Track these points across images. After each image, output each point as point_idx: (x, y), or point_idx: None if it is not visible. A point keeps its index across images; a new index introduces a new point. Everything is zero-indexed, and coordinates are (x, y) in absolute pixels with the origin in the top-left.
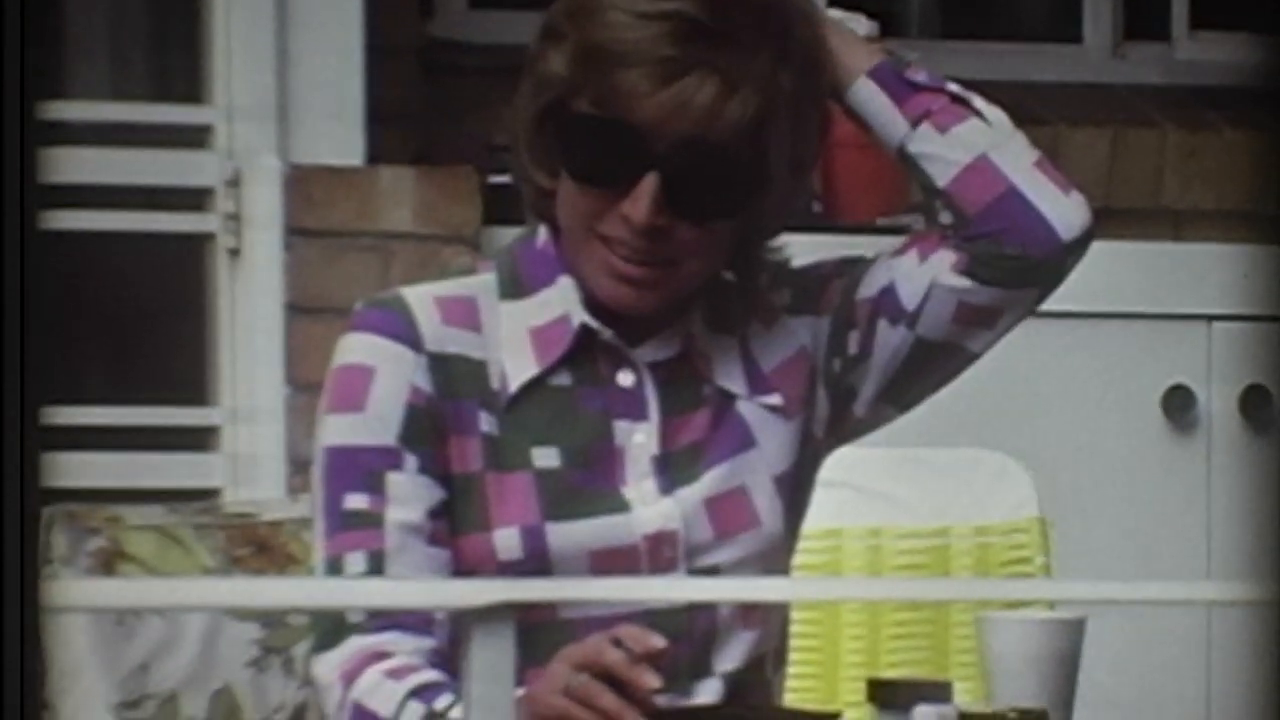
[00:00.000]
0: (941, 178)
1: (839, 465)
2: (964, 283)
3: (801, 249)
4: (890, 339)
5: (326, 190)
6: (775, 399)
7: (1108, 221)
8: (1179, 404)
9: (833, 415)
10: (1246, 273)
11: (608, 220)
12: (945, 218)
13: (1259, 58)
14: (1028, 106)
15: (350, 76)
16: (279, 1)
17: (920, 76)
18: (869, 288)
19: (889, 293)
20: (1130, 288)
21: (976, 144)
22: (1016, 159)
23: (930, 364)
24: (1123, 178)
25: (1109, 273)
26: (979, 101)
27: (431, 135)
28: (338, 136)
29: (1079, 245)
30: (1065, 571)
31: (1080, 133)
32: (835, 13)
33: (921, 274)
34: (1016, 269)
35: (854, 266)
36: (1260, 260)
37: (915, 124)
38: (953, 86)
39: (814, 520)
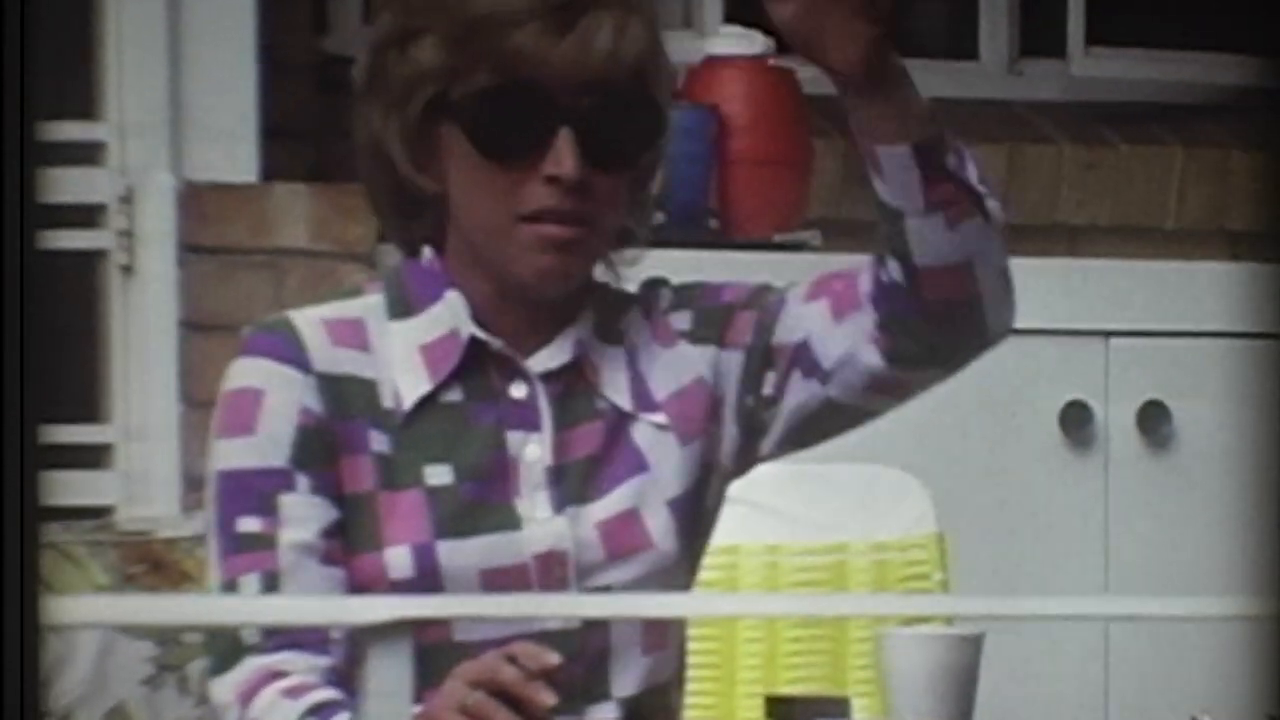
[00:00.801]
0: (923, 260)
1: (737, 482)
2: (881, 363)
3: (698, 265)
4: (801, 392)
5: (220, 207)
6: (662, 419)
7: (1007, 238)
8: (1076, 420)
9: (742, 448)
10: (1139, 290)
11: (528, 192)
12: (894, 276)
13: (1155, 73)
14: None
15: (244, 92)
16: (171, 17)
17: (953, 162)
18: (786, 333)
19: (805, 347)
20: (1027, 303)
21: (970, 247)
22: (995, 265)
23: (837, 420)
24: (1019, 194)
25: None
26: (991, 202)
27: (326, 152)
28: (231, 153)
29: (1002, 338)
30: (963, 587)
31: (977, 149)
32: (730, 28)
33: (839, 338)
34: (942, 358)
35: (763, 298)
36: (1156, 276)
37: (930, 210)
38: (974, 178)
39: (713, 538)
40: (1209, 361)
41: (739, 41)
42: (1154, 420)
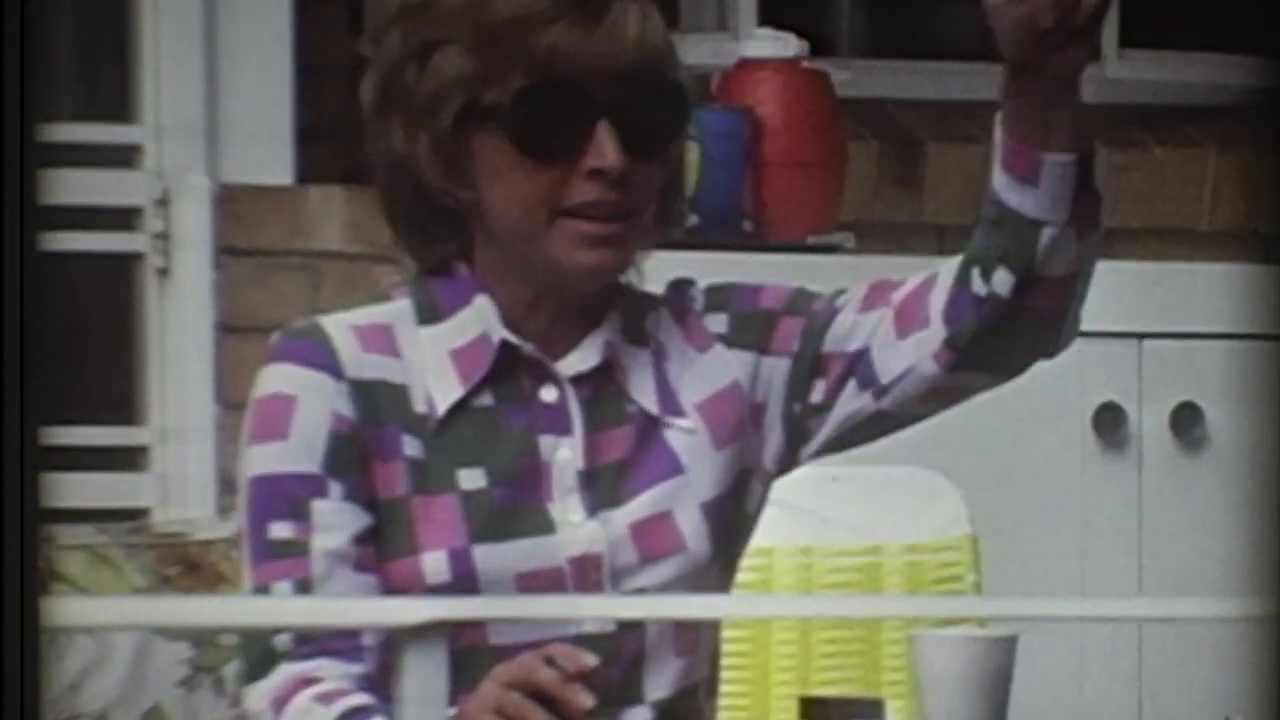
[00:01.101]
0: (1046, 270)
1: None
2: (942, 375)
3: (732, 267)
4: (854, 402)
5: (256, 209)
6: (689, 423)
7: None
8: (1109, 422)
9: (784, 452)
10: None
11: (573, 188)
12: (995, 288)
13: (1188, 76)
14: (960, 125)
15: (279, 95)
16: (208, 20)
17: (1099, 176)
18: (839, 342)
19: (863, 358)
20: (1112, 307)
21: (1086, 258)
22: (1091, 274)
23: (885, 426)
24: None
25: None
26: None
27: (362, 154)
28: (267, 155)
29: (1069, 345)
30: (996, 589)
31: None
32: (765, 31)
33: (902, 352)
34: (1007, 367)
35: (806, 303)
36: (1189, 278)
37: (1072, 221)
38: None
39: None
40: (1242, 364)
41: (773, 44)
42: (1187, 422)
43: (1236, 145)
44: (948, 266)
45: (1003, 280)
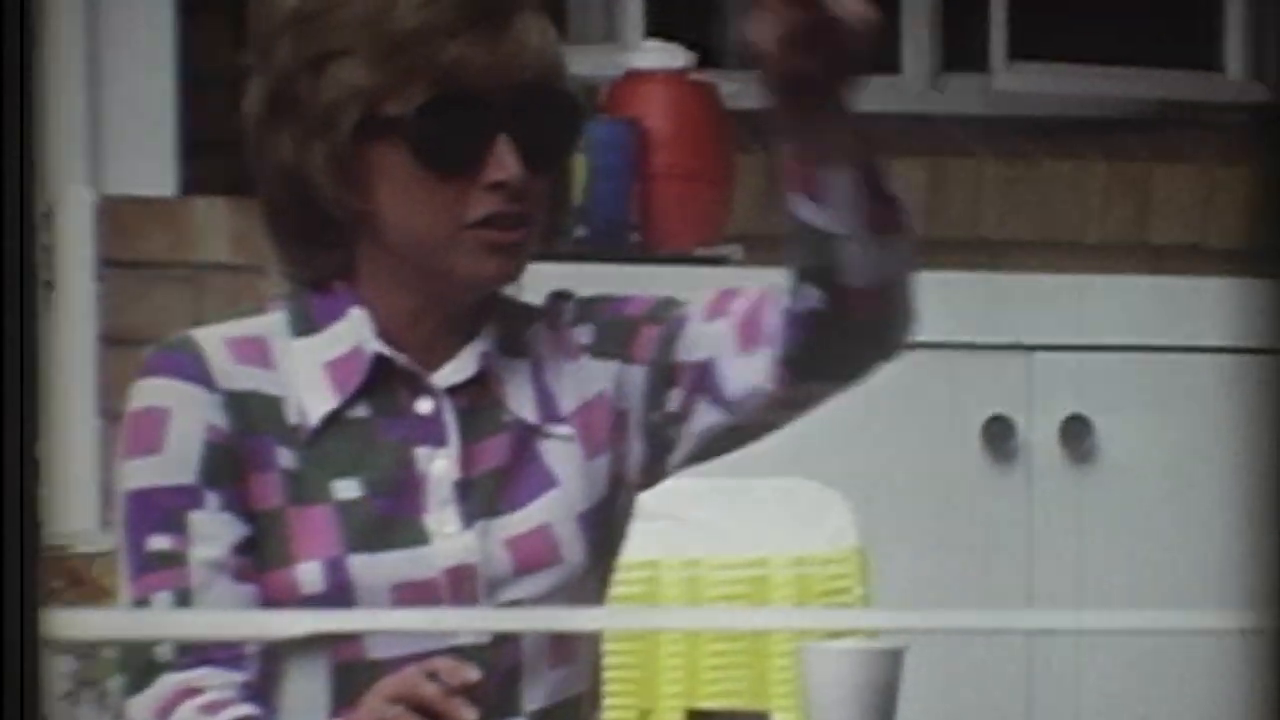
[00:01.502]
0: (855, 282)
1: (657, 496)
2: (787, 389)
3: (619, 279)
4: (707, 416)
5: (139, 221)
6: (568, 431)
7: (926, 252)
8: (998, 434)
9: (649, 462)
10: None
11: (475, 200)
12: (812, 303)
13: (1076, 87)
14: None
15: (162, 106)
16: (90, 30)
17: (891, 182)
18: (689, 352)
19: (710, 373)
20: (950, 318)
21: (897, 265)
22: (910, 281)
23: (742, 438)
24: (941, 208)
25: (928, 303)
26: (909, 217)
27: (245, 165)
28: (150, 167)
29: (904, 348)
30: (885, 601)
31: (899, 163)
32: (652, 43)
33: (745, 370)
34: (847, 374)
35: (666, 311)
36: (1079, 289)
37: (870, 232)
38: (900, 194)
39: (631, 551)
40: (1131, 375)
41: (661, 55)
42: (1076, 434)
43: (1125, 157)
44: (778, 285)
45: (812, 295)
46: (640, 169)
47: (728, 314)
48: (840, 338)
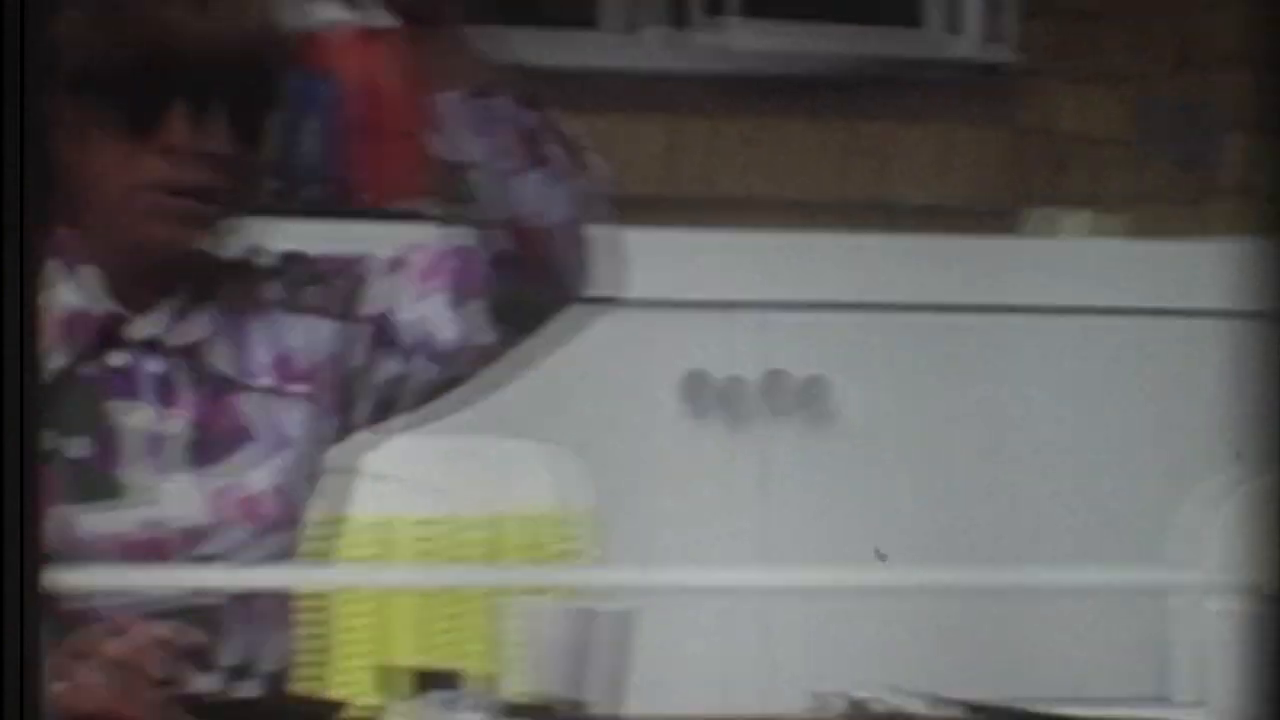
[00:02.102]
0: (518, 221)
1: (389, 456)
2: (474, 337)
3: (316, 234)
4: (394, 366)
5: None
6: (268, 385)
7: (666, 210)
8: (728, 393)
9: (373, 417)
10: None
11: (148, 163)
12: (497, 245)
13: (814, 46)
14: (582, 96)
15: None
16: None
17: (553, 120)
18: (374, 304)
19: (390, 323)
20: (689, 275)
21: (572, 202)
22: (594, 214)
23: (439, 390)
24: (678, 166)
25: (669, 261)
26: (591, 159)
27: None
28: None
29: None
30: (615, 560)
31: (636, 121)
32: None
33: (430, 317)
34: (535, 320)
35: (356, 267)
36: (814, 247)
37: (531, 167)
38: (568, 133)
39: (363, 511)
40: (866, 334)
41: (356, 9)
42: (812, 392)
43: (862, 116)
44: (466, 237)
45: (488, 238)
46: (338, 124)
47: (432, 269)
48: (522, 280)
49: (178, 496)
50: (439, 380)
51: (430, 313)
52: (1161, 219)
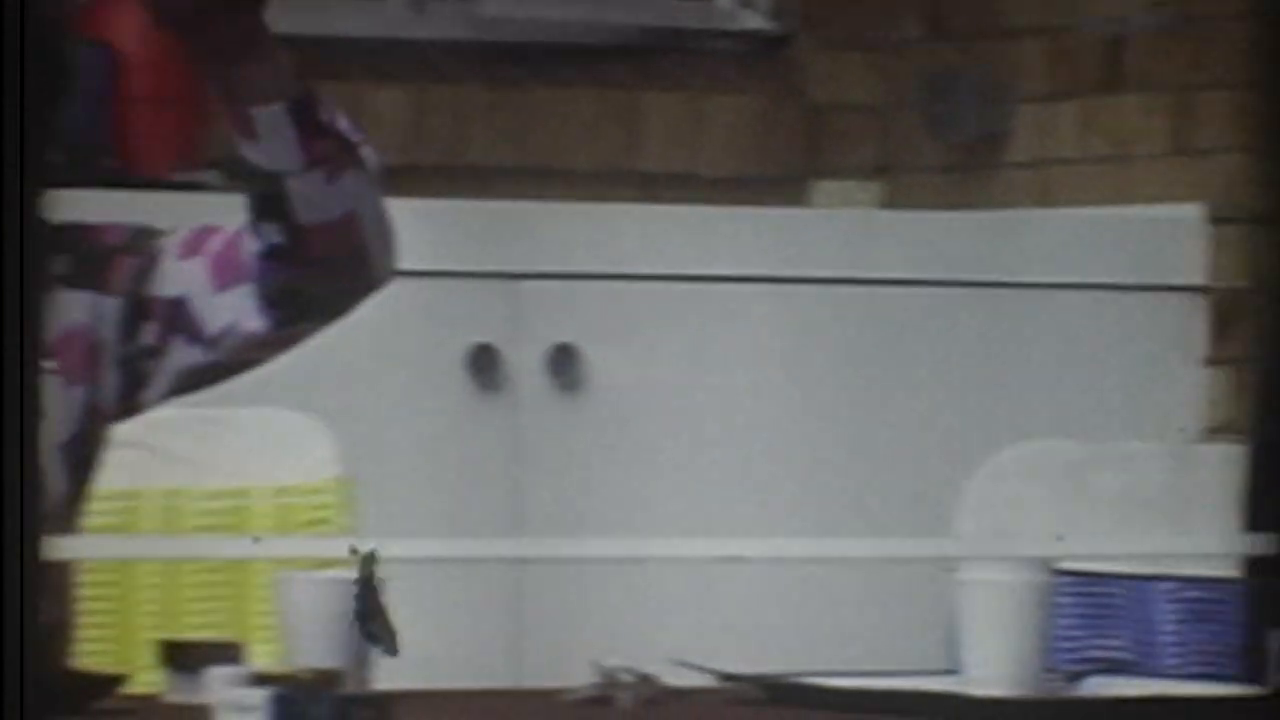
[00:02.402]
0: (308, 218)
1: (135, 426)
2: (266, 327)
3: (95, 204)
4: (184, 353)
5: None
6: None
7: (413, 180)
8: (484, 362)
9: (124, 395)
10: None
11: None
12: (274, 239)
13: (563, 14)
14: (327, 62)
15: None
16: None
17: (326, 115)
18: (163, 287)
19: (183, 307)
20: (437, 245)
21: (351, 199)
22: (375, 213)
23: (222, 375)
24: (427, 136)
25: (416, 231)
26: (365, 149)
27: None
28: None
29: (387, 282)
30: (369, 531)
31: (383, 89)
32: None
33: (222, 308)
34: (328, 311)
35: (143, 241)
36: (567, 217)
37: (310, 167)
38: (345, 128)
39: (109, 482)
40: (619, 304)
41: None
42: (564, 363)
43: (613, 84)
44: (246, 223)
45: (274, 232)
46: (115, 92)
47: (204, 251)
48: (308, 274)
49: None
50: (204, 365)
51: (194, 293)
52: (941, 190)
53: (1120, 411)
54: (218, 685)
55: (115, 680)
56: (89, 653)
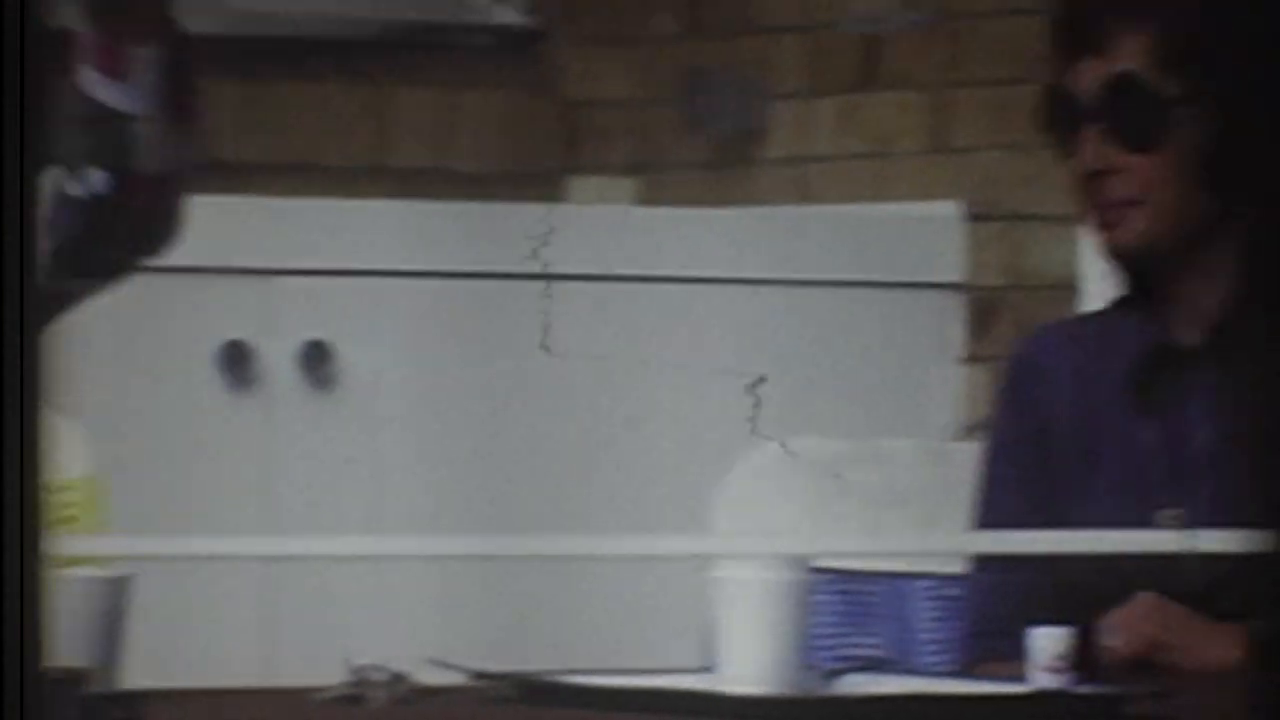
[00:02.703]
0: (143, 167)
1: None
2: (51, 285)
3: None
4: None
5: None
6: None
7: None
8: (235, 359)
9: None
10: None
11: None
12: (99, 186)
13: (314, 7)
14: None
15: None
16: None
17: (193, 69)
18: None
19: None
20: (188, 241)
21: (184, 157)
22: (191, 174)
23: None
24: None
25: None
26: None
27: None
28: None
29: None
30: (119, 529)
31: None
32: None
33: None
34: (115, 270)
35: None
36: (319, 214)
37: (167, 115)
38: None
39: None
40: (373, 300)
41: None
42: (316, 360)
43: (361, 79)
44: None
45: (100, 180)
46: None
47: None
48: (118, 228)
49: None
50: None
51: None
52: (699, 187)
53: (878, 408)
54: None
55: None
56: None
